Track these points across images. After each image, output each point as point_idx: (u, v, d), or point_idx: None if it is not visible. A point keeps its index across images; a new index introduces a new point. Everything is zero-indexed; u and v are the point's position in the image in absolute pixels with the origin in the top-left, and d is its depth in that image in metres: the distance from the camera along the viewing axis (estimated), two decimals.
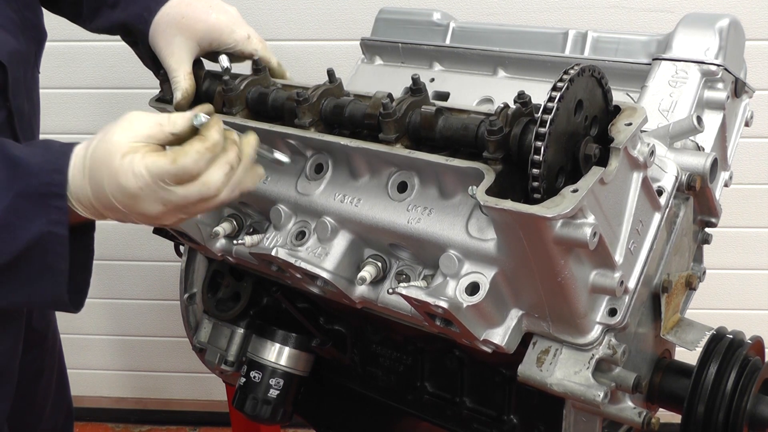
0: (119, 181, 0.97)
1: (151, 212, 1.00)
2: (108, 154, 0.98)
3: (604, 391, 1.03)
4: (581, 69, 0.97)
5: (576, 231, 0.93)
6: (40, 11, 1.39)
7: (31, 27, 1.33)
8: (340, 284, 1.17)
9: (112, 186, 0.98)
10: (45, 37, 1.40)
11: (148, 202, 0.98)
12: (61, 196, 0.99)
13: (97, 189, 0.99)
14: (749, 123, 1.39)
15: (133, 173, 0.97)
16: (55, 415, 1.66)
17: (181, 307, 1.66)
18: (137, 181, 0.97)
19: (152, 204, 0.99)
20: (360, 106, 1.18)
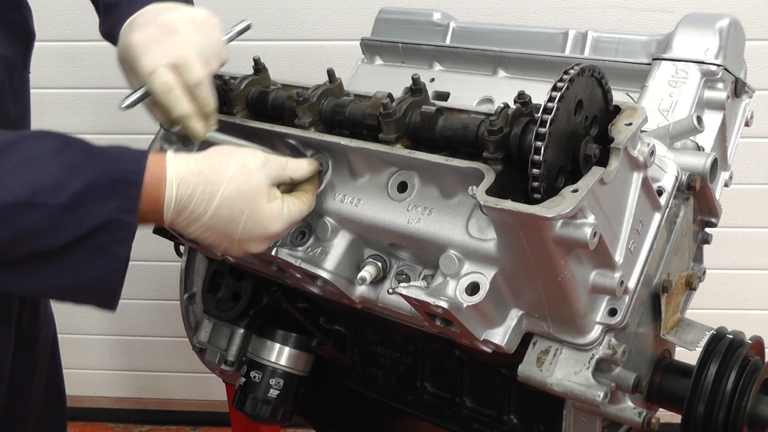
0: (264, 223, 1.07)
1: (260, 248, 1.10)
2: (254, 192, 1.06)
3: (604, 391, 1.03)
4: (581, 69, 0.97)
5: (576, 231, 0.93)
6: (28, 11, 1.37)
7: (18, 29, 1.32)
8: (340, 284, 1.17)
9: (252, 222, 1.06)
10: (33, 38, 1.39)
11: (275, 233, 1.09)
12: (136, 184, 1.00)
13: (227, 218, 1.05)
14: (749, 123, 1.39)
15: (283, 222, 1.08)
16: (48, 413, 1.66)
17: (181, 307, 1.66)
18: (284, 227, 1.09)
19: (271, 242, 1.13)
20: (360, 106, 1.18)
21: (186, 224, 1.05)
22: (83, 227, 0.96)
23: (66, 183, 0.95)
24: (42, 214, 0.94)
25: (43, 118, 2.54)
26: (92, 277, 1.01)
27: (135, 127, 2.54)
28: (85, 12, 2.42)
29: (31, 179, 0.94)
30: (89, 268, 1.00)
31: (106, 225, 0.98)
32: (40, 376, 1.59)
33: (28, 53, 1.38)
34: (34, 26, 1.42)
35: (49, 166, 0.96)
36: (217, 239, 1.07)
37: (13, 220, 0.93)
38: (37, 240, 0.95)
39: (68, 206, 0.95)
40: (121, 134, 2.55)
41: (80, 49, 2.48)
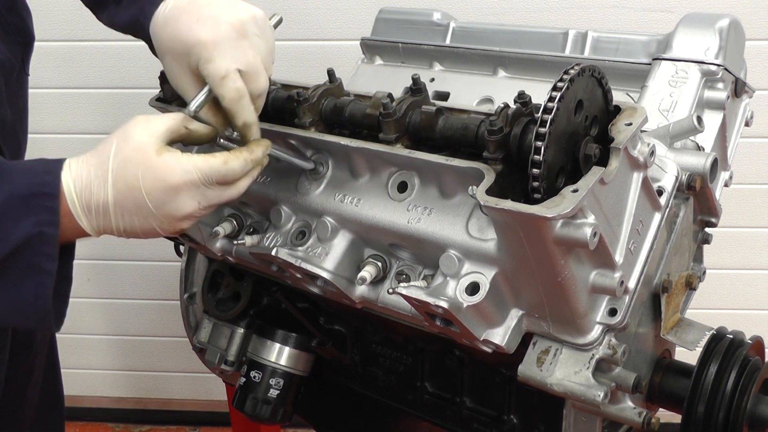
0: (160, 176, 1.00)
1: (183, 210, 1.02)
2: (139, 152, 1.00)
3: (604, 391, 1.03)
4: (581, 69, 0.97)
5: (576, 231, 0.93)
6: (26, 13, 1.36)
7: (16, 31, 1.31)
8: (340, 284, 1.17)
9: (149, 181, 0.99)
10: (33, 40, 1.38)
11: (185, 198, 1.02)
12: (52, 196, 0.98)
13: (126, 188, 1.00)
14: (749, 123, 1.39)
15: (181, 169, 1.01)
16: (46, 414, 1.65)
17: (181, 307, 1.66)
18: (185, 176, 1.01)
19: (188, 201, 1.02)
20: (360, 106, 1.18)
21: (103, 222, 1.02)
22: (5, 247, 0.95)
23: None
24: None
25: (43, 118, 2.54)
26: (24, 297, 0.99)
27: None
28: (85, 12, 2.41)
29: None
30: (19, 288, 0.98)
31: (27, 241, 0.96)
32: (37, 378, 1.59)
33: (26, 55, 1.37)
34: (34, 28, 1.41)
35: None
36: (138, 220, 1.02)
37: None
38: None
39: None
40: None
41: (80, 49, 2.48)
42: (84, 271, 2.77)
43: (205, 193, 1.04)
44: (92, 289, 2.81)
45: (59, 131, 2.58)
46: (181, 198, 1.02)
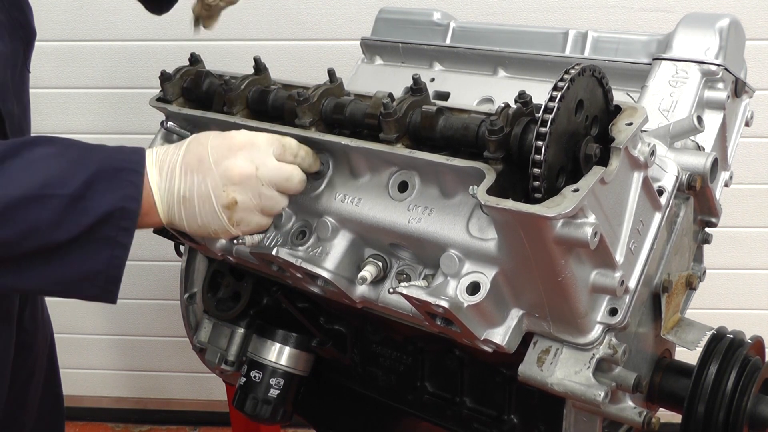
0: (228, 136, 1.09)
1: (239, 168, 1.06)
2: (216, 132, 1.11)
3: (605, 391, 1.03)
4: (582, 69, 0.97)
5: (577, 231, 0.93)
6: (29, 9, 1.38)
7: (19, 27, 1.32)
8: (341, 284, 1.17)
9: (216, 140, 1.08)
10: (34, 36, 1.39)
11: (244, 158, 1.07)
12: (137, 173, 1.04)
13: (195, 146, 1.07)
14: (749, 123, 1.39)
15: (247, 133, 1.10)
16: (46, 415, 1.65)
17: (181, 306, 1.66)
18: (249, 137, 1.10)
19: (246, 161, 1.07)
20: (360, 106, 1.18)
21: (168, 183, 1.06)
22: (90, 218, 0.99)
23: (72, 175, 0.99)
24: (51, 207, 0.97)
25: (43, 117, 2.54)
26: (96, 269, 1.04)
27: (135, 127, 2.55)
28: (85, 12, 2.42)
29: (38, 175, 0.98)
30: (93, 260, 1.03)
31: (110, 214, 1.01)
32: (38, 379, 1.59)
33: (28, 51, 1.38)
34: (35, 24, 1.41)
35: (54, 164, 0.99)
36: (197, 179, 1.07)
37: (24, 215, 0.96)
38: (46, 234, 0.98)
39: (75, 197, 0.98)
40: (122, 134, 2.56)
41: (80, 49, 2.48)
42: None
43: (265, 160, 1.08)
44: None
45: (59, 131, 2.58)
46: (241, 156, 1.07)
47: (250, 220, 1.12)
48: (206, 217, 1.09)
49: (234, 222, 1.10)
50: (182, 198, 1.07)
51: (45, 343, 1.61)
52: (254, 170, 1.08)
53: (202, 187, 1.07)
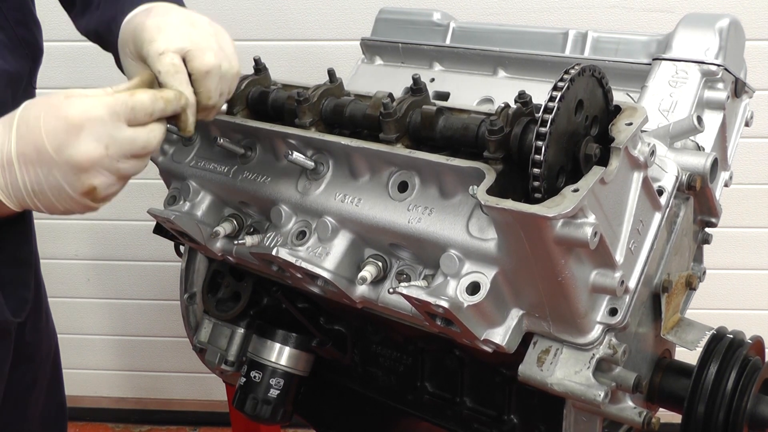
0: (62, 112, 0.90)
1: (85, 153, 0.90)
2: (45, 98, 0.94)
3: (605, 391, 1.03)
4: (582, 69, 0.97)
5: (577, 231, 0.93)
6: (36, 27, 1.34)
7: (25, 45, 1.29)
8: (341, 284, 1.17)
9: (50, 119, 0.90)
10: (41, 54, 1.35)
11: (88, 138, 0.90)
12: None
13: (26, 131, 0.91)
14: (749, 123, 1.39)
15: (84, 102, 0.91)
16: (48, 425, 1.64)
17: (181, 307, 1.66)
18: (88, 110, 0.90)
19: (92, 143, 0.90)
20: (360, 106, 1.18)
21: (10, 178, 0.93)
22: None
23: None
24: None
25: None
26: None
27: None
28: None
29: None
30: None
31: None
32: (39, 389, 1.57)
33: (34, 69, 1.35)
34: (43, 42, 1.39)
35: None
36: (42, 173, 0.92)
37: None
38: None
39: None
40: None
41: (80, 49, 2.48)
42: (84, 271, 2.77)
43: (113, 134, 0.91)
44: (92, 289, 2.81)
45: None
46: (84, 138, 0.90)
47: (116, 191, 0.99)
48: (67, 204, 0.96)
49: (100, 200, 0.97)
50: (33, 192, 0.94)
51: (49, 352, 1.59)
52: (104, 150, 0.92)
53: (50, 180, 0.92)
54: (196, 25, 1.10)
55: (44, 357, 1.56)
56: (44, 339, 1.56)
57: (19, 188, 0.94)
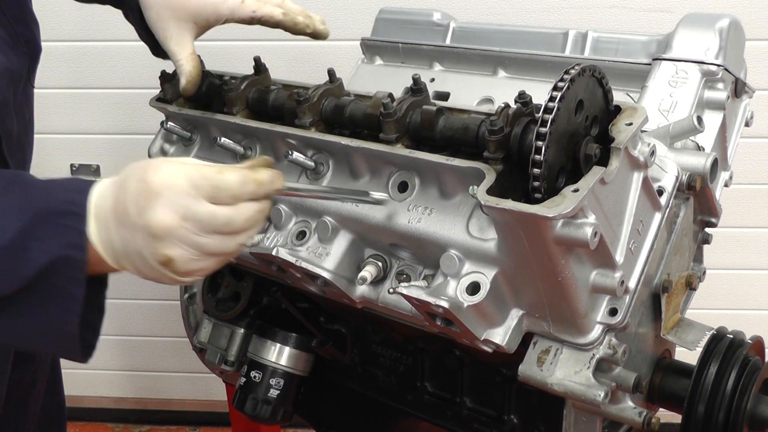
0: (145, 176, 0.89)
1: (159, 220, 0.88)
2: (145, 161, 0.93)
3: (605, 391, 1.03)
4: (582, 69, 0.97)
5: (577, 231, 0.93)
6: (35, 25, 1.35)
7: (24, 42, 1.29)
8: (341, 284, 1.17)
9: (136, 181, 0.90)
10: (39, 52, 1.36)
11: (165, 206, 0.88)
12: (79, 217, 0.90)
13: (120, 191, 0.91)
14: (749, 123, 1.39)
15: (166, 170, 0.90)
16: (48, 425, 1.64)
17: (181, 307, 1.66)
18: (168, 178, 0.89)
19: (167, 211, 0.88)
20: (360, 106, 1.18)
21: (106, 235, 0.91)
22: (31, 269, 0.88)
23: (7, 222, 0.88)
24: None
25: (43, 118, 2.53)
26: (50, 322, 0.92)
27: (136, 127, 2.55)
28: (85, 12, 2.42)
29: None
30: (45, 312, 0.91)
31: (53, 264, 0.89)
32: (39, 389, 1.57)
33: (33, 67, 1.35)
34: (41, 39, 1.39)
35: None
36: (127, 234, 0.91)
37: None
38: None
39: (12, 247, 0.88)
40: (123, 134, 2.56)
41: (81, 49, 2.48)
42: None
43: (190, 206, 0.89)
44: None
45: (65, 131, 2.58)
46: (160, 205, 0.88)
47: (201, 266, 0.93)
48: (150, 272, 0.92)
49: (182, 273, 0.92)
50: (123, 253, 0.92)
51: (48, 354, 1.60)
52: (178, 221, 0.88)
53: (132, 245, 0.91)
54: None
55: (43, 356, 1.56)
56: None
57: (113, 247, 0.92)
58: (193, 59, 1.29)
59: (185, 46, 1.29)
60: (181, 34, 1.29)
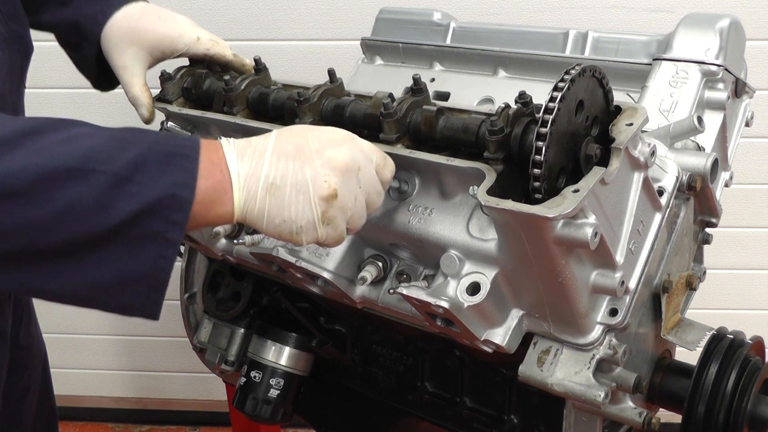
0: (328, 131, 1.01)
1: (343, 157, 0.97)
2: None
3: (605, 391, 1.03)
4: (582, 69, 0.97)
5: (577, 231, 0.93)
6: (26, 22, 1.35)
7: (18, 39, 1.30)
8: (341, 284, 1.17)
9: (317, 131, 1.00)
10: (31, 50, 1.36)
11: (347, 150, 0.98)
12: (192, 159, 0.90)
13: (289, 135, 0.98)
14: (749, 123, 1.39)
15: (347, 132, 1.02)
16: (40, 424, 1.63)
17: (181, 306, 1.67)
18: (351, 136, 1.02)
19: (350, 154, 0.98)
20: (361, 106, 1.18)
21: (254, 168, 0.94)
22: (136, 204, 0.85)
23: (118, 153, 0.86)
24: (92, 185, 0.84)
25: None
26: (139, 271, 0.89)
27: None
28: None
29: (81, 148, 0.85)
30: (137, 259, 0.88)
31: (159, 202, 0.86)
32: (33, 394, 1.56)
33: (26, 65, 1.35)
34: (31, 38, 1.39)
35: (98, 139, 0.87)
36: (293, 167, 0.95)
37: (62, 191, 0.83)
38: (83, 219, 0.84)
39: (121, 177, 0.85)
40: None
41: None
42: None
43: (365, 161, 1.00)
44: None
45: None
46: (345, 148, 0.98)
47: (338, 224, 0.98)
48: (296, 209, 0.94)
49: (326, 219, 0.96)
50: (270, 185, 0.93)
51: (40, 357, 1.58)
52: (357, 167, 0.98)
53: (299, 175, 0.94)
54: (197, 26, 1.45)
55: (36, 362, 1.55)
56: (36, 343, 1.55)
57: (259, 178, 0.94)
58: (146, 90, 1.39)
59: (139, 77, 1.38)
60: (136, 65, 1.38)
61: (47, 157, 0.84)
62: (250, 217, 0.95)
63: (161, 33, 1.38)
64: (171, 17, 1.41)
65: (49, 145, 0.85)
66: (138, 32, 1.37)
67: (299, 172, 0.95)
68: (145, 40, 1.37)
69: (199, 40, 1.40)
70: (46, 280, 0.88)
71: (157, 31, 1.38)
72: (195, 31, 1.41)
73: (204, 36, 1.41)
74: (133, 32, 1.37)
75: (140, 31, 1.37)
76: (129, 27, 1.38)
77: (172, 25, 1.39)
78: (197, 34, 1.41)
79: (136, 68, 1.38)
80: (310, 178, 0.95)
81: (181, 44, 1.39)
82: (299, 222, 0.95)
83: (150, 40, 1.38)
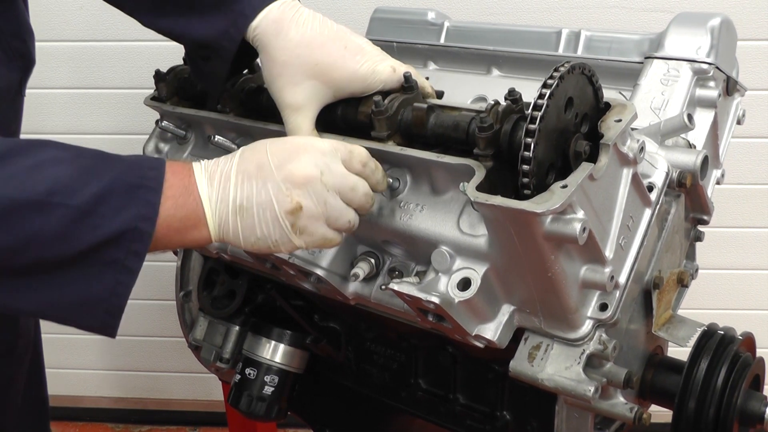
0: (288, 141, 1.01)
1: (303, 169, 0.97)
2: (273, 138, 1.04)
3: (595, 386, 1.03)
4: (571, 67, 0.97)
5: (565, 226, 0.94)
6: (29, 37, 1.33)
7: (18, 56, 1.29)
8: (334, 281, 1.18)
9: (276, 144, 1.00)
10: (33, 64, 1.35)
11: (308, 159, 0.98)
12: (154, 191, 0.93)
13: (250, 154, 0.99)
14: (741, 121, 1.39)
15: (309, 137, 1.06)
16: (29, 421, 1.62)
17: (176, 304, 1.67)
18: (313, 140, 1.02)
19: (311, 164, 0.98)
20: (353, 104, 1.18)
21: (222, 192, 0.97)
22: (98, 236, 0.89)
23: (82, 186, 0.89)
24: (56, 217, 0.88)
25: (43, 118, 2.55)
26: (97, 295, 0.93)
27: (134, 128, 2.56)
28: (85, 12, 2.43)
29: (46, 179, 0.88)
30: (95, 285, 0.92)
31: (122, 234, 0.90)
32: (18, 385, 1.54)
33: (25, 78, 1.34)
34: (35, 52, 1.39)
35: (65, 169, 0.90)
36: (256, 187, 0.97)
37: (26, 220, 0.87)
38: (47, 247, 0.88)
39: (84, 210, 0.89)
40: (123, 134, 2.57)
41: (82, 49, 2.49)
42: None
43: (330, 164, 0.99)
44: None
45: (65, 131, 2.59)
46: (304, 158, 0.98)
47: (314, 230, 1.00)
48: (267, 227, 0.97)
49: (297, 229, 0.98)
50: (239, 208, 0.97)
51: (28, 349, 1.56)
52: (318, 174, 0.98)
53: (262, 194, 0.97)
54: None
55: (22, 352, 1.53)
56: (23, 334, 1.53)
57: (228, 202, 0.97)
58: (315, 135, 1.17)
59: (311, 120, 1.16)
60: (311, 105, 1.15)
61: (12, 188, 0.87)
62: (227, 238, 0.99)
63: (352, 71, 1.13)
64: (357, 46, 1.15)
65: (16, 173, 0.88)
66: (322, 67, 1.12)
67: (262, 191, 0.97)
68: (332, 77, 1.13)
69: (394, 71, 1.15)
70: (11, 299, 0.92)
71: (348, 68, 1.13)
72: (386, 61, 1.16)
73: (396, 64, 1.16)
74: (316, 65, 1.12)
75: (325, 66, 1.12)
76: (310, 56, 1.12)
77: (361, 58, 1.14)
78: (390, 65, 1.15)
79: (309, 110, 1.15)
80: (273, 195, 0.97)
81: (377, 83, 1.14)
82: (272, 237, 0.99)
83: (337, 79, 1.13)
